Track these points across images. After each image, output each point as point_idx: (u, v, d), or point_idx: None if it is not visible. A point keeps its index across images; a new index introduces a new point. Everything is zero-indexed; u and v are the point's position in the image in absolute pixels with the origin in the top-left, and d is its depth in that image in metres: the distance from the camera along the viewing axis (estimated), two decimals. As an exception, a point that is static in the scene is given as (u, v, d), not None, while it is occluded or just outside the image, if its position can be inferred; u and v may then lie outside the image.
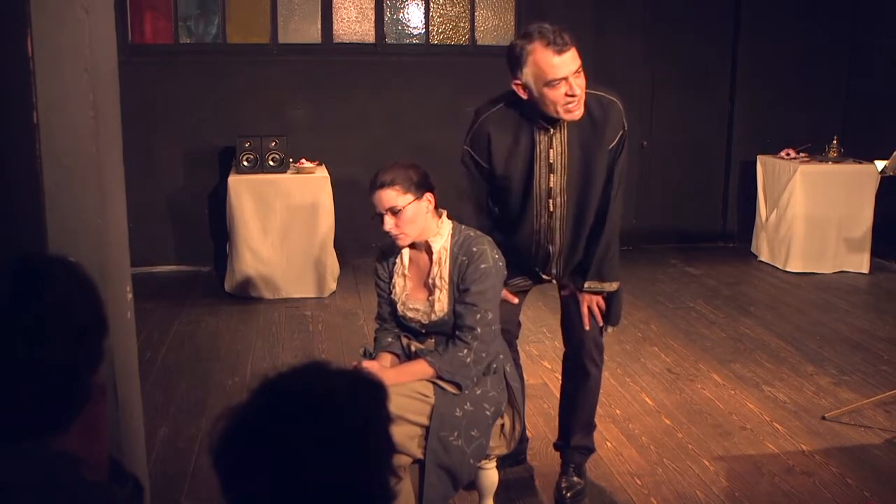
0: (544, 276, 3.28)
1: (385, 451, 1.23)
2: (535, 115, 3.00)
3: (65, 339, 1.32)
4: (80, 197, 2.23)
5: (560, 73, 2.85)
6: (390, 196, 2.78)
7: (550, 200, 3.09)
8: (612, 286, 3.20)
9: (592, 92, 3.00)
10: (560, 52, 2.84)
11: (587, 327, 3.25)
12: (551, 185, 3.06)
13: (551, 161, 3.04)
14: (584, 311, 3.23)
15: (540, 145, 3.04)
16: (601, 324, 3.28)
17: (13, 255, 1.36)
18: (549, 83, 2.86)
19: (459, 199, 3.19)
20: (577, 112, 2.93)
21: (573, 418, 3.44)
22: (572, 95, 2.88)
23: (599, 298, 3.23)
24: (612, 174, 3.08)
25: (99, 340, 1.39)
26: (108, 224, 2.32)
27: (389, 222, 2.82)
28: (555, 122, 3.00)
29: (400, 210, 2.79)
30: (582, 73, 2.90)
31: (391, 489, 1.23)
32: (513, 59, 2.92)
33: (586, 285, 3.18)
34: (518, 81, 2.93)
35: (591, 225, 3.15)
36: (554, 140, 3.03)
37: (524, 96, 2.95)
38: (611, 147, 3.04)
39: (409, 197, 2.79)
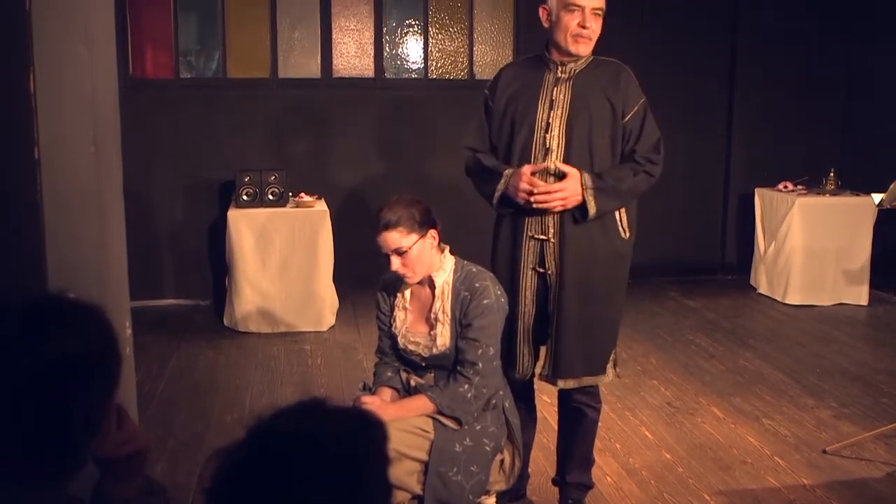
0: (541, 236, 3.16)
1: (382, 492, 1.21)
2: (549, 53, 3.16)
3: (70, 375, 1.32)
4: (81, 231, 2.24)
5: (580, 0, 3.04)
6: (394, 238, 2.79)
7: (547, 135, 3.13)
8: (594, 202, 3.08)
9: (608, 59, 3.21)
10: None
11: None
12: (550, 119, 3.13)
13: (553, 98, 3.14)
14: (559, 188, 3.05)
15: (546, 84, 3.16)
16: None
17: (15, 292, 1.37)
18: (568, 6, 3.05)
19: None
20: (584, 48, 3.10)
21: (570, 455, 3.40)
22: (583, 27, 3.04)
23: (576, 197, 3.06)
24: (632, 141, 3.15)
25: (103, 374, 1.39)
26: (107, 258, 2.33)
27: (396, 262, 2.82)
28: (565, 66, 3.14)
29: (406, 251, 2.80)
30: (600, 20, 3.09)
31: None
32: None
33: (585, 177, 3.06)
34: (545, 6, 3.14)
35: None
36: (560, 82, 3.15)
37: (546, 24, 3.13)
38: (628, 117, 3.13)
39: (414, 237, 2.79)
